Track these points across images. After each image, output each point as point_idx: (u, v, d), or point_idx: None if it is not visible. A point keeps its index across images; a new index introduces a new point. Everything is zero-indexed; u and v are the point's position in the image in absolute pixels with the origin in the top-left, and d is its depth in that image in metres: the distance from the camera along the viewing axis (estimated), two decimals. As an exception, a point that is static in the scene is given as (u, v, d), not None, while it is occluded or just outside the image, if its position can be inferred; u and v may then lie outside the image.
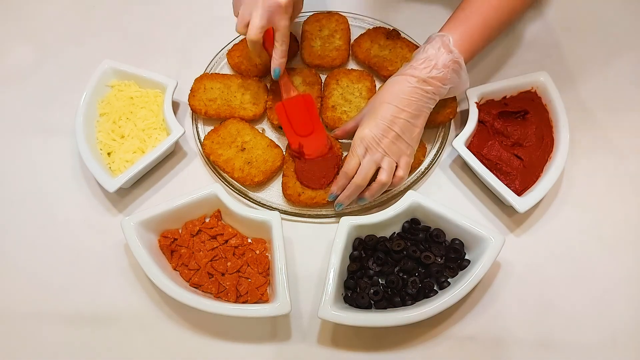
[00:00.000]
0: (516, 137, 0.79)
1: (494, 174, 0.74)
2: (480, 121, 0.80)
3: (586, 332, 0.68)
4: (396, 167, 0.71)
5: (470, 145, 0.78)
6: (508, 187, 0.73)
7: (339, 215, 0.75)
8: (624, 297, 0.70)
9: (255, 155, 0.78)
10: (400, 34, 0.89)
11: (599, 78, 0.88)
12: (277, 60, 0.76)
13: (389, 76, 0.84)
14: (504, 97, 0.82)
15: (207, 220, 0.75)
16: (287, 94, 0.80)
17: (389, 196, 0.77)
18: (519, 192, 0.74)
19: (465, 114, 0.82)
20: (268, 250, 0.72)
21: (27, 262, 0.74)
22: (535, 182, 0.75)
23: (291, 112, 0.79)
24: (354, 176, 0.71)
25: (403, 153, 0.71)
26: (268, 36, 0.76)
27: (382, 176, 0.70)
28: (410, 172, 0.78)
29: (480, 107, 0.80)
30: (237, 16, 0.75)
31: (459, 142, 0.76)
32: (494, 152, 0.78)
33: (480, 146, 0.78)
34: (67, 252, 0.75)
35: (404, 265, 0.69)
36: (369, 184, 0.72)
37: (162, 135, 0.81)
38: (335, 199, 0.74)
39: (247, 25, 0.72)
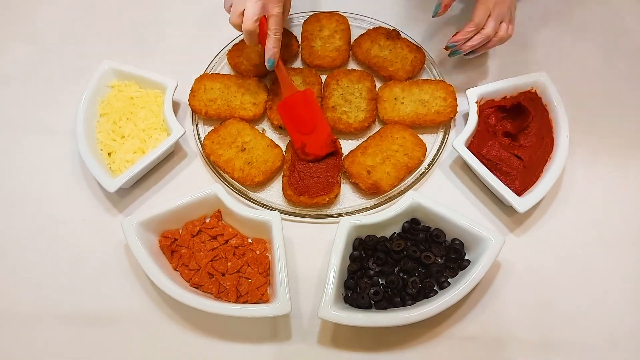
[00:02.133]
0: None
1: (494, 174, 0.74)
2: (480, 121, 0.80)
3: (586, 332, 0.68)
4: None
5: (470, 146, 0.78)
6: (508, 187, 0.73)
7: (338, 215, 0.76)
8: (624, 297, 0.70)
9: (256, 156, 0.78)
10: (400, 34, 0.89)
11: (599, 78, 0.88)
12: (271, 49, 0.75)
13: (389, 76, 0.85)
14: (504, 97, 0.82)
15: (207, 220, 0.75)
16: (286, 88, 0.79)
17: (389, 197, 0.77)
18: (519, 192, 0.74)
19: (465, 114, 0.82)
20: (268, 250, 0.72)
21: (27, 262, 0.74)
22: (535, 182, 0.75)
23: (292, 111, 0.78)
24: (482, 27, 0.76)
25: (512, 15, 0.80)
26: (262, 29, 0.74)
27: (510, 31, 0.78)
28: (410, 172, 0.78)
29: (480, 107, 0.80)
30: (227, 10, 0.75)
31: (459, 142, 0.76)
32: (494, 152, 0.78)
33: (480, 146, 0.78)
34: (67, 253, 0.75)
35: (404, 266, 0.69)
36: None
37: (162, 136, 0.81)
38: (454, 47, 0.79)
39: (241, 15, 0.72)
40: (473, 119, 0.78)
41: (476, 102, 0.80)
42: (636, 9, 0.96)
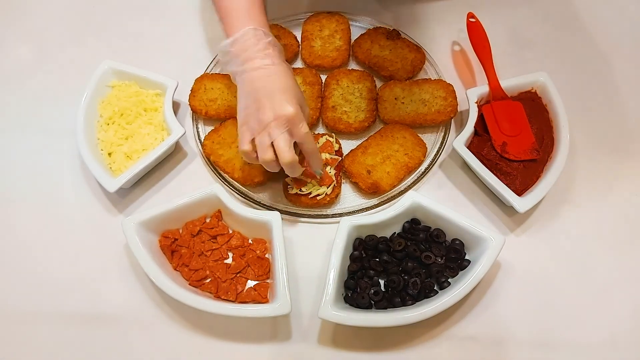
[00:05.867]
0: (516, 137, 0.79)
1: (494, 174, 0.74)
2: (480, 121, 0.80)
3: (586, 332, 0.68)
4: None
5: (470, 146, 0.78)
6: (508, 187, 0.73)
7: (338, 215, 0.75)
8: (624, 297, 0.70)
9: (256, 156, 0.78)
10: (400, 34, 0.89)
11: (599, 78, 0.88)
12: (318, 165, 0.72)
13: (390, 76, 0.85)
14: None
15: (207, 220, 0.75)
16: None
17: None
18: (519, 192, 0.74)
19: (465, 114, 0.82)
20: (268, 250, 0.72)
21: (27, 262, 0.74)
22: (535, 182, 0.75)
23: (499, 113, 0.79)
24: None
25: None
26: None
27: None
28: (411, 172, 0.78)
29: (480, 107, 0.80)
30: (248, 153, 0.68)
31: (459, 142, 0.76)
32: (494, 152, 0.78)
33: (481, 146, 0.78)
34: (68, 252, 0.75)
35: (405, 266, 0.69)
36: None
37: (162, 136, 0.81)
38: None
39: (271, 148, 0.66)
40: (473, 119, 0.78)
41: (476, 102, 0.80)
42: (636, 8, 0.96)
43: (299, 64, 0.91)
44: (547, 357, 0.67)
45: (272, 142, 0.66)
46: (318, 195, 0.74)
